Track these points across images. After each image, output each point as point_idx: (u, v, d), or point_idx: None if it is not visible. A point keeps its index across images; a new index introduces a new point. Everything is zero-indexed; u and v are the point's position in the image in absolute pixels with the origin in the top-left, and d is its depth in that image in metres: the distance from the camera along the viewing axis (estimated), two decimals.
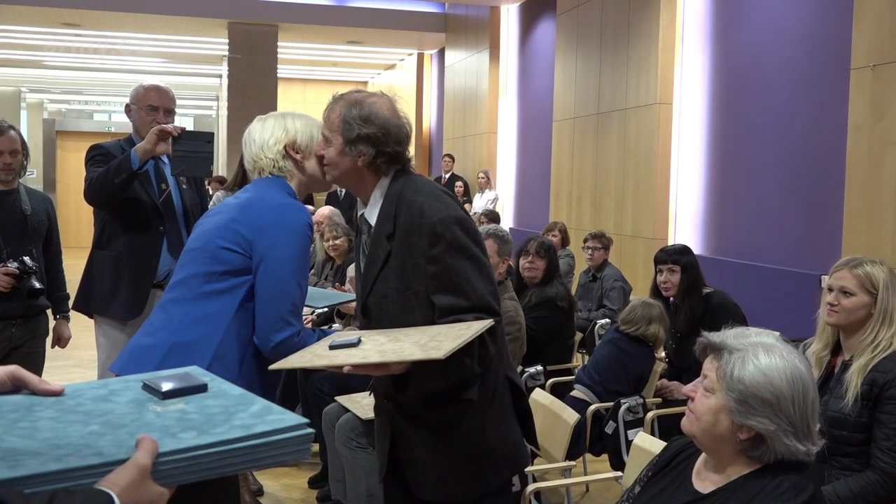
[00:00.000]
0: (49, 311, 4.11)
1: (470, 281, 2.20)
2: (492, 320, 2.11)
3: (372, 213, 2.34)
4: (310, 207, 9.54)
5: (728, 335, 1.89)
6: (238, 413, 1.14)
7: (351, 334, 2.18)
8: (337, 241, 5.94)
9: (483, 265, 2.25)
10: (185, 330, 2.31)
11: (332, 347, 2.06)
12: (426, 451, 2.33)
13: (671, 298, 4.55)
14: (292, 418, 1.12)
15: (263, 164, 2.53)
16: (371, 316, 2.34)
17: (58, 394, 1.21)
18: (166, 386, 1.21)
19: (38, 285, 3.82)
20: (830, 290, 2.93)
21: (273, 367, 2.04)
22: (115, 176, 3.48)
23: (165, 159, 3.67)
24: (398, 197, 2.28)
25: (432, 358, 1.87)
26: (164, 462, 1.02)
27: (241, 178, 4.55)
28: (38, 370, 3.93)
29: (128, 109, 3.85)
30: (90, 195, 3.62)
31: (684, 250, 4.61)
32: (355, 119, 2.29)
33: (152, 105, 3.77)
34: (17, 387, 1.21)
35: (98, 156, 3.73)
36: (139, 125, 3.77)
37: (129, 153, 3.49)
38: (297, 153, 2.53)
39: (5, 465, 0.95)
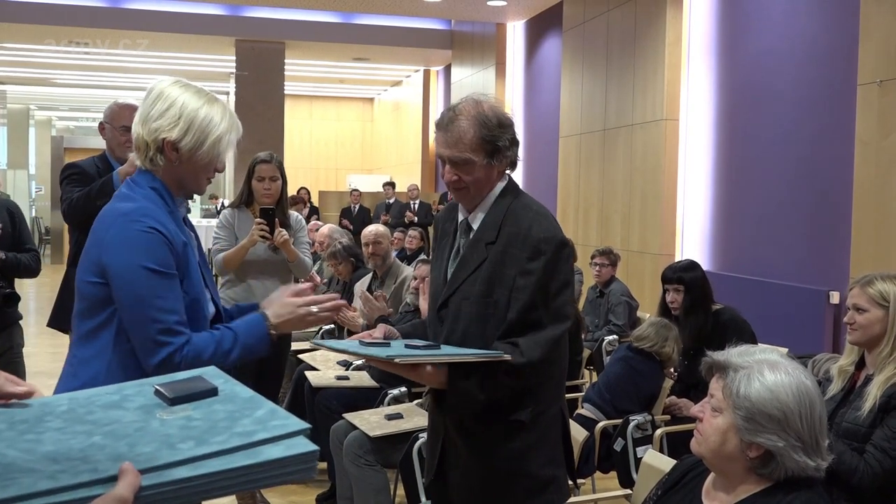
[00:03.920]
0: (21, 323, 4.18)
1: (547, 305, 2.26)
2: (502, 354, 2.16)
3: (476, 219, 2.36)
4: (317, 223, 9.56)
5: (732, 353, 1.89)
6: (242, 419, 1.14)
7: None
8: (339, 268, 5.98)
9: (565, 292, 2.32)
10: (74, 375, 2.08)
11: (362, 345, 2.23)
12: (468, 460, 2.35)
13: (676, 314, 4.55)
14: (295, 423, 1.11)
15: (139, 143, 2.15)
16: (448, 315, 2.36)
17: (22, 396, 1.25)
18: (175, 391, 1.21)
19: (9, 290, 3.85)
20: (849, 310, 2.97)
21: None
22: (98, 198, 3.42)
23: None
24: (507, 209, 2.32)
25: (374, 356, 2.11)
26: (148, 494, 1.01)
27: (246, 195, 4.49)
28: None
29: (101, 127, 3.82)
30: (70, 215, 3.58)
31: (689, 266, 4.60)
32: (493, 129, 2.29)
33: (126, 125, 3.67)
34: None
35: (74, 175, 3.71)
36: (113, 144, 3.76)
37: (112, 176, 3.45)
38: (175, 151, 2.11)
39: None
